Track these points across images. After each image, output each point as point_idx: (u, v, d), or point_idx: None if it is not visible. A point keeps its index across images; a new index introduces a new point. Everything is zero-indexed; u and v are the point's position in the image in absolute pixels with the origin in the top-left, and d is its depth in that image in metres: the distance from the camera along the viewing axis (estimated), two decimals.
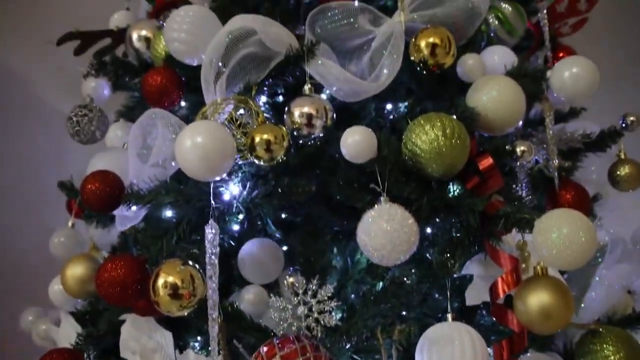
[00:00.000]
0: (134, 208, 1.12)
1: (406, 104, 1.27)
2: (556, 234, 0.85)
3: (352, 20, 1.16)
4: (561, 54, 1.52)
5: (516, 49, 1.41)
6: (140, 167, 1.18)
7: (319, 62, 1.07)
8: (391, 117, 1.30)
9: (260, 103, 1.18)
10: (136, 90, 1.48)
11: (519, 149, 1.11)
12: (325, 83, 1.09)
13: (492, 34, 1.33)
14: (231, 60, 1.07)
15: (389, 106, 1.31)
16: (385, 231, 0.91)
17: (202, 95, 1.09)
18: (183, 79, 1.22)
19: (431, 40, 1.09)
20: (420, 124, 1.01)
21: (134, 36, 1.38)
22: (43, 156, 2.29)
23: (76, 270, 1.15)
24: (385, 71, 1.09)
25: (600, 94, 1.29)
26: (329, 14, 1.17)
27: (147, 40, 1.37)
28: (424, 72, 1.12)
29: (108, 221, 1.36)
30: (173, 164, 1.13)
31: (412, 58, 1.11)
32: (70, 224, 1.50)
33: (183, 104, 1.30)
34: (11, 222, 2.22)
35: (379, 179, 0.98)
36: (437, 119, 1.01)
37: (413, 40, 1.11)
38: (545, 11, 1.46)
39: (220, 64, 1.06)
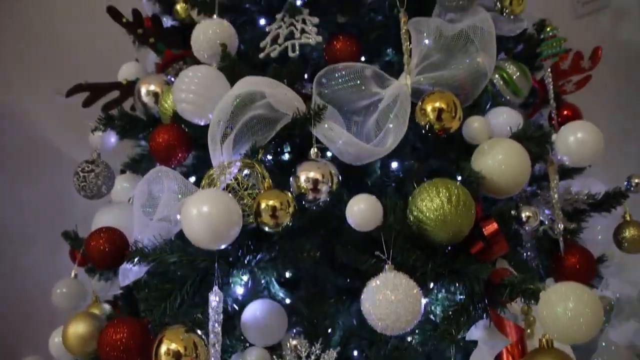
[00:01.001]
0: None
1: (412, 164, 1.27)
2: (562, 308, 0.84)
3: (358, 82, 1.17)
4: (565, 112, 1.53)
5: (521, 106, 1.44)
6: (145, 223, 1.19)
7: (326, 125, 1.08)
8: (397, 176, 1.30)
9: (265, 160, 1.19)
10: (143, 139, 1.49)
11: (524, 215, 1.11)
12: (331, 146, 1.10)
13: (497, 94, 1.33)
14: (238, 122, 1.08)
15: (394, 164, 1.31)
16: (389, 301, 0.91)
17: (209, 153, 1.10)
18: (190, 136, 1.22)
19: (437, 105, 1.09)
20: (426, 190, 1.01)
21: (143, 90, 1.39)
22: (49, 200, 2.29)
23: (78, 329, 1.14)
24: (391, 137, 1.09)
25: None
26: (336, 75, 1.18)
27: (155, 95, 1.38)
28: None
29: (111, 274, 1.36)
30: (178, 221, 1.13)
31: (419, 121, 1.11)
32: (73, 274, 1.49)
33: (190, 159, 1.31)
34: (15, 268, 2.22)
35: (384, 246, 0.97)
36: (442, 186, 1.01)
37: (419, 104, 1.12)
38: (549, 69, 1.48)
39: (227, 125, 1.06)
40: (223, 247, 0.93)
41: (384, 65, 1.46)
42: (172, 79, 1.40)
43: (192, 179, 1.39)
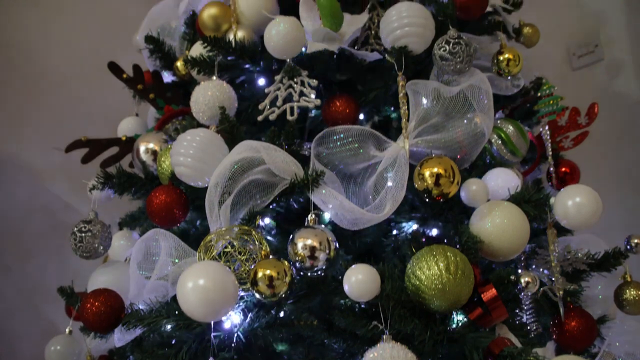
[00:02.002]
0: None
1: (410, 224, 1.26)
2: None
3: (356, 145, 1.18)
4: (564, 169, 1.53)
5: (520, 162, 1.44)
6: (142, 284, 1.18)
7: (323, 191, 1.08)
8: (394, 236, 1.29)
9: (263, 223, 1.18)
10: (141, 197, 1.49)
11: (523, 280, 1.10)
12: (329, 211, 1.10)
13: (495, 154, 1.34)
14: (237, 186, 1.08)
15: (392, 224, 1.31)
16: None
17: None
18: (188, 197, 1.22)
19: (435, 170, 1.09)
20: (424, 258, 1.01)
21: (141, 148, 1.40)
22: (47, 252, 2.28)
23: None
24: (389, 202, 1.09)
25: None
26: (334, 137, 1.19)
27: (154, 153, 1.39)
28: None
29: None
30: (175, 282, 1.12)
31: (417, 187, 1.11)
32: (67, 330, 1.47)
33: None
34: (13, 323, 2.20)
35: (381, 315, 0.96)
36: (440, 253, 1.01)
37: (417, 168, 1.12)
38: (547, 127, 1.49)
39: (225, 191, 1.06)
40: (218, 320, 0.91)
41: (382, 121, 1.48)
42: (171, 138, 1.40)
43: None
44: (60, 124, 2.26)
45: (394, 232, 1.32)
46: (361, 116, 1.41)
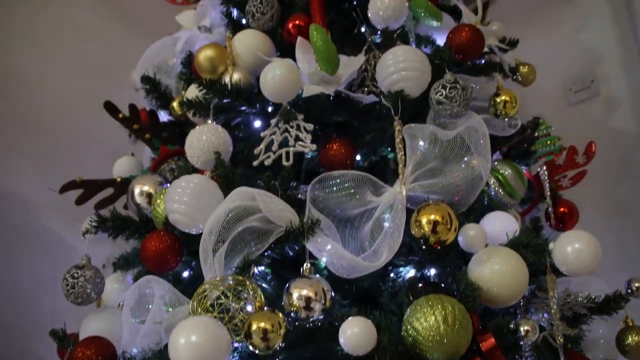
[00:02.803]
0: None
1: (408, 269, 1.25)
2: None
3: (352, 190, 1.17)
4: (562, 209, 1.52)
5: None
6: (135, 330, 1.16)
7: (319, 239, 1.07)
8: (391, 280, 1.27)
9: (258, 270, 1.17)
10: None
11: (522, 329, 1.08)
12: (324, 259, 1.08)
13: (493, 196, 1.33)
14: (231, 234, 1.07)
15: (389, 267, 1.29)
16: None
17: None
18: (183, 243, 1.21)
19: (432, 217, 1.08)
20: (421, 308, 1.00)
21: (136, 191, 1.39)
22: (41, 284, 2.25)
23: None
24: (385, 250, 1.08)
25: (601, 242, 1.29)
26: (330, 182, 1.18)
27: (148, 195, 1.38)
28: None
29: None
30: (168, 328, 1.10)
31: (414, 233, 1.10)
32: None
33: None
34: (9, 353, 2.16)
35: None
36: (437, 304, 0.99)
37: (414, 215, 1.11)
38: (544, 167, 1.49)
39: (219, 239, 1.05)
40: None
41: (379, 161, 1.47)
42: (166, 180, 1.39)
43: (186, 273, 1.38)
44: (56, 159, 2.25)
45: (392, 275, 1.30)
46: (358, 157, 1.40)
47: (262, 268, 1.17)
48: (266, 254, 1.13)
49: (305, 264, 1.06)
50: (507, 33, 1.76)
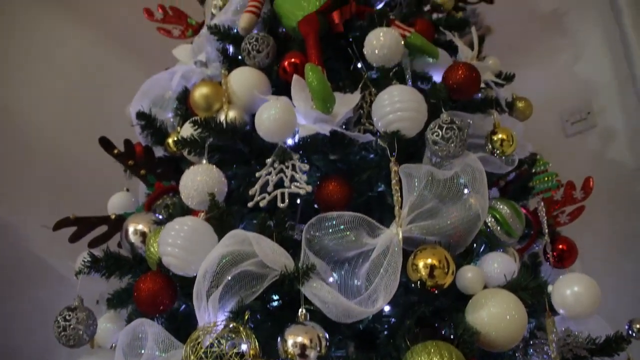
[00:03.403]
0: None
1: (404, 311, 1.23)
2: None
3: (348, 232, 1.15)
4: (560, 246, 1.51)
5: None
6: None
7: (314, 284, 1.05)
8: (388, 321, 1.26)
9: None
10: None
11: None
12: (319, 303, 1.06)
13: (490, 235, 1.32)
14: (226, 277, 1.05)
15: (387, 308, 1.27)
16: None
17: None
18: (177, 285, 1.19)
19: (429, 261, 1.07)
20: (418, 355, 0.98)
21: (130, 229, 1.37)
22: (36, 317, 2.22)
23: None
24: (381, 295, 1.06)
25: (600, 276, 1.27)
26: (326, 224, 1.16)
27: (142, 234, 1.36)
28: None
29: None
30: None
31: (410, 277, 1.09)
32: None
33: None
34: None
35: None
36: (435, 351, 0.98)
37: (411, 258, 1.10)
38: (542, 204, 1.48)
39: (213, 285, 1.03)
40: None
41: (376, 197, 1.45)
42: (160, 222, 1.37)
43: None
44: (51, 191, 2.24)
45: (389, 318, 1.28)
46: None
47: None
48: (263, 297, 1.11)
49: (300, 310, 1.04)
50: (502, 63, 1.77)
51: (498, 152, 1.34)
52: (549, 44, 2.35)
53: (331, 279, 1.15)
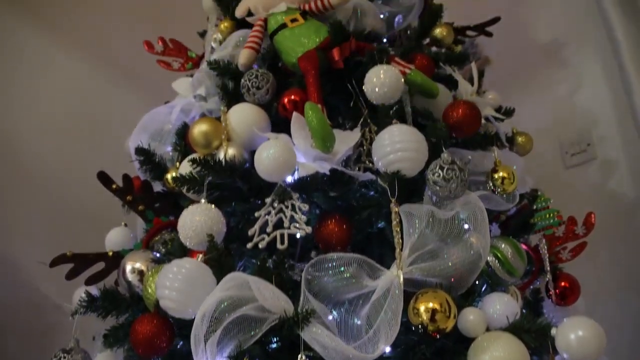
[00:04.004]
0: None
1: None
2: None
3: (347, 275, 1.14)
4: (563, 284, 1.49)
5: None
6: None
7: (314, 329, 1.04)
8: None
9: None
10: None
11: None
12: (319, 348, 1.04)
13: (492, 275, 1.30)
14: (223, 324, 1.04)
15: (387, 349, 1.25)
16: None
17: None
18: (174, 326, 1.17)
19: (430, 305, 1.06)
20: None
21: (128, 268, 1.36)
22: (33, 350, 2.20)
23: None
24: (382, 338, 1.05)
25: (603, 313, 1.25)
26: (326, 265, 1.15)
27: (140, 273, 1.34)
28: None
29: None
30: None
31: (411, 321, 1.07)
32: None
33: None
34: None
35: None
36: None
37: (412, 303, 1.08)
38: (544, 241, 1.46)
39: (212, 329, 1.02)
40: None
41: (376, 233, 1.44)
42: (158, 260, 1.36)
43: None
44: (49, 223, 2.23)
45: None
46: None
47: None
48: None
49: (300, 356, 1.03)
50: (501, 93, 1.78)
51: (499, 190, 1.34)
52: (547, 75, 2.36)
53: (330, 317, 1.13)
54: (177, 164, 1.54)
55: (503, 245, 1.32)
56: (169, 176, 1.54)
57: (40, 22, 2.53)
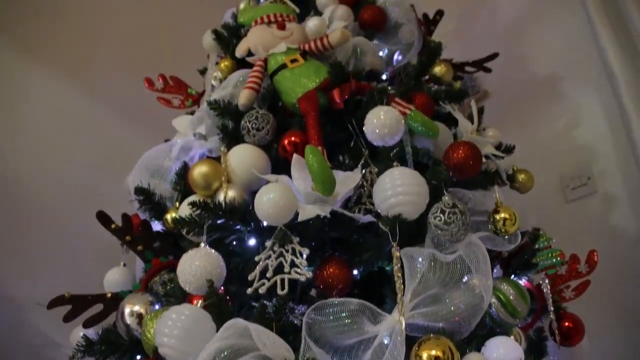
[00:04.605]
0: None
1: None
2: None
3: (348, 320, 1.12)
4: (567, 324, 1.48)
5: None
6: None
7: None
8: None
9: None
10: None
11: None
12: None
13: (494, 316, 1.29)
14: None
15: None
16: None
17: None
18: None
19: (433, 352, 1.04)
20: None
21: (126, 311, 1.34)
22: None
23: None
24: None
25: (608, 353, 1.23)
26: (327, 310, 1.13)
27: (139, 316, 1.33)
28: None
29: None
30: None
31: None
32: None
33: None
34: None
35: None
36: None
37: (415, 349, 1.07)
38: (546, 280, 1.45)
39: None
40: None
41: (378, 273, 1.43)
42: (157, 299, 1.35)
43: None
44: (48, 258, 2.21)
45: None
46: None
47: None
48: None
49: None
50: (500, 126, 1.78)
51: (501, 231, 1.33)
52: (547, 109, 2.37)
53: None
54: (177, 203, 1.53)
55: (505, 287, 1.31)
56: (168, 216, 1.53)
57: (42, 60, 2.55)
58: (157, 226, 1.62)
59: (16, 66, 2.50)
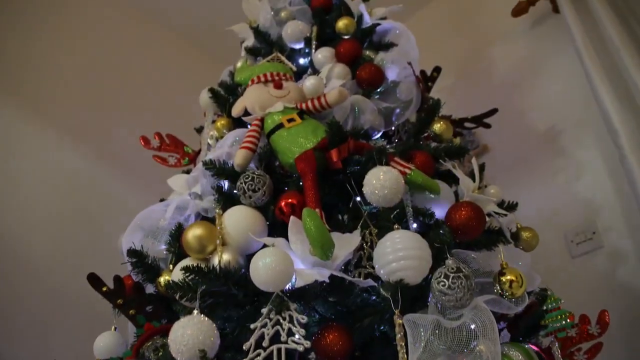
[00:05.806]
0: None
1: None
2: None
3: None
4: None
5: None
6: None
7: None
8: None
9: None
10: None
11: None
12: None
13: None
14: None
15: None
16: None
17: None
18: None
19: None
20: None
21: None
22: None
23: None
24: None
25: None
26: None
27: None
28: None
29: None
30: None
31: None
32: None
33: None
34: None
35: None
36: None
37: None
38: (557, 344, 1.39)
39: None
40: None
41: (378, 337, 1.37)
42: None
43: None
44: (37, 314, 2.15)
45: None
46: None
47: None
48: None
49: None
50: (501, 182, 1.74)
51: (507, 294, 1.27)
52: (547, 162, 2.35)
53: None
54: (171, 266, 1.48)
55: (514, 352, 1.25)
56: (161, 280, 1.48)
57: (40, 117, 2.54)
58: (150, 288, 1.57)
59: (8, 122, 2.48)
